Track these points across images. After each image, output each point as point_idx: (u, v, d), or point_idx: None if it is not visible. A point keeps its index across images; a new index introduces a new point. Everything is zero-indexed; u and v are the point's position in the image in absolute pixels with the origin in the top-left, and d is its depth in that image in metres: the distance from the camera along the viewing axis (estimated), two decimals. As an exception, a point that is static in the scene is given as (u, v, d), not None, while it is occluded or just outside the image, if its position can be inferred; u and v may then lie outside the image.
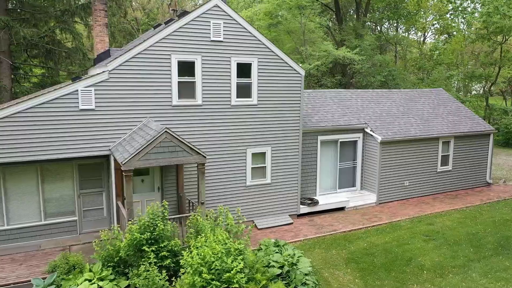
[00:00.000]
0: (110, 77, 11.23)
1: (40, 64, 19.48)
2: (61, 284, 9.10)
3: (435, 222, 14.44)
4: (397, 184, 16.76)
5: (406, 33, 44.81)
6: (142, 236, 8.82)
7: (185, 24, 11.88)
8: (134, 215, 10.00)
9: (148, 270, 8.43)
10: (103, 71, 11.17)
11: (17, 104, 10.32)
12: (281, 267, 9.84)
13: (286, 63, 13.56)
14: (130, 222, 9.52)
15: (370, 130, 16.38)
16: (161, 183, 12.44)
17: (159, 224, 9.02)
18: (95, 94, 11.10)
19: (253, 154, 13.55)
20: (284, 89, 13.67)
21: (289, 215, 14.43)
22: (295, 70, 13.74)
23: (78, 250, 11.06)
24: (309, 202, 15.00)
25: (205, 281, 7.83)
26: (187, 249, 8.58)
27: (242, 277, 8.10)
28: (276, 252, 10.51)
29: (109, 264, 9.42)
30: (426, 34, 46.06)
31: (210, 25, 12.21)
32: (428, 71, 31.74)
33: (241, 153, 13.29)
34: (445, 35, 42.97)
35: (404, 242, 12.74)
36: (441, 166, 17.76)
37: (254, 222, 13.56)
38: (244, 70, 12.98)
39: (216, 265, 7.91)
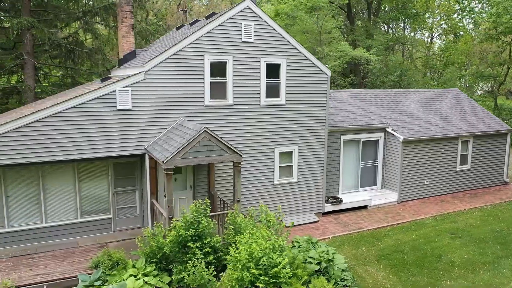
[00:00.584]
0: (146, 78, 11.46)
1: (60, 65, 19.69)
2: (107, 280, 9.32)
3: (458, 220, 14.66)
4: (417, 183, 16.98)
5: (412, 34, 45.08)
6: (187, 232, 9.05)
7: (217, 26, 12.10)
8: (174, 213, 10.22)
9: (196, 266, 8.65)
10: (140, 72, 11.40)
11: (58, 105, 10.55)
12: (319, 263, 10.06)
13: (313, 63, 13.78)
14: (174, 219, 9.74)
15: (392, 130, 16.60)
16: (193, 182, 12.67)
17: (203, 221, 9.25)
18: (131, 94, 11.34)
19: (281, 153, 13.78)
20: (311, 89, 13.89)
21: (315, 213, 14.66)
22: (321, 70, 13.97)
23: (115, 247, 11.28)
24: (333, 200, 15.22)
25: (253, 276, 8.06)
26: (233, 245, 8.80)
27: (287, 272, 8.33)
28: (311, 249, 10.73)
29: (152, 260, 9.64)
30: (433, 34, 46.26)
31: (241, 27, 12.43)
32: (439, 71, 31.93)
33: (269, 152, 13.52)
34: (451, 36, 43.16)
35: (431, 239, 12.96)
36: (460, 165, 17.99)
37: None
38: (272, 70, 13.21)
39: (264, 261, 8.14)
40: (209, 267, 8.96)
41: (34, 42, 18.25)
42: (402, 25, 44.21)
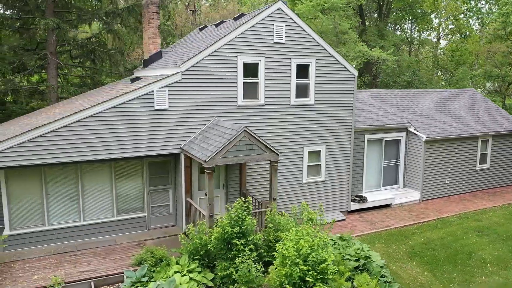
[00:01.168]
0: (183, 78, 11.65)
1: (81, 65, 19.86)
2: (152, 276, 9.52)
3: (482, 219, 14.87)
4: (439, 182, 17.19)
5: (418, 34, 45.36)
6: (233, 230, 9.25)
7: (251, 27, 12.29)
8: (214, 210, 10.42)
9: (244, 262, 8.85)
10: (177, 72, 11.59)
11: (99, 105, 10.73)
12: (357, 260, 10.27)
13: (340, 63, 13.98)
14: (219, 217, 9.93)
15: (414, 129, 16.80)
16: (225, 181, 12.86)
17: (247, 219, 9.44)
18: (168, 94, 11.52)
19: (309, 152, 13.98)
20: (338, 89, 14.09)
21: (341, 212, 14.86)
22: (348, 70, 14.17)
23: (152, 244, 11.48)
24: (358, 199, 15.43)
25: (302, 272, 8.26)
26: (280, 242, 8.99)
27: (334, 268, 8.53)
28: (347, 246, 10.93)
29: (195, 257, 9.84)
30: (440, 34, 46.52)
31: (273, 28, 12.63)
32: (450, 71, 32.18)
33: (298, 151, 13.71)
34: (457, 36, 43.39)
35: (458, 237, 13.17)
36: (479, 164, 18.20)
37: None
38: (302, 71, 13.41)
39: (313, 257, 8.34)
40: (260, 263, 9.16)
41: (57, 42, 18.42)
42: (408, 25, 44.56)
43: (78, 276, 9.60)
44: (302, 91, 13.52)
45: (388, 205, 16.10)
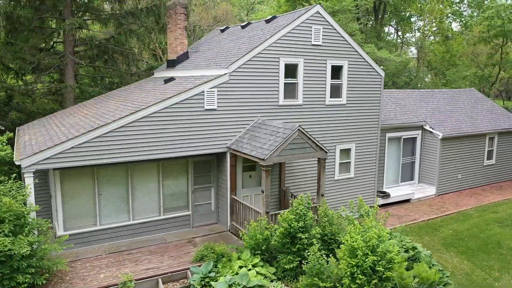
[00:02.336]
0: (230, 79, 11.95)
1: (97, 66, 19.72)
2: (218, 271, 9.80)
3: (498, 211, 15.82)
4: (452, 177, 18.10)
5: (401, 36, 46.96)
6: (298, 224, 9.66)
7: (292, 29, 12.71)
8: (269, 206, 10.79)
9: (313, 254, 9.27)
10: (225, 73, 11.87)
11: (155, 105, 10.89)
12: (406, 251, 10.86)
13: (369, 65, 14.59)
14: (285, 212, 10.31)
15: (430, 127, 17.64)
16: (266, 178, 13.22)
17: (309, 214, 9.87)
18: (217, 94, 11.80)
19: (341, 150, 14.52)
20: (367, 89, 14.70)
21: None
22: (376, 71, 14.80)
23: (201, 241, 11.72)
24: (382, 194, 16.10)
25: (372, 262, 8.75)
26: (347, 234, 9.45)
27: (398, 258, 9.07)
28: (391, 238, 11.51)
29: (256, 252, 10.18)
30: (426, 37, 48.27)
31: (311, 30, 13.08)
32: (443, 72, 33.55)
33: (331, 150, 14.23)
34: (441, 38, 45.14)
35: (483, 228, 14.01)
36: (487, 160, 19.25)
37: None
38: (335, 72, 13.93)
39: (382, 248, 8.85)
40: (331, 256, 9.62)
41: (74, 42, 18.29)
42: (394, 27, 46.04)
43: (144, 274, 9.77)
44: (335, 91, 14.04)
45: (408, 200, 16.85)
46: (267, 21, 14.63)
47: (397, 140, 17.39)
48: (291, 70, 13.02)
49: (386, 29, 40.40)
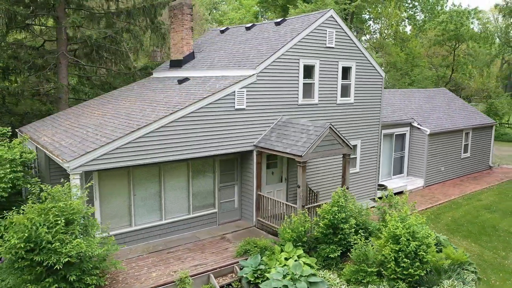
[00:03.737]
0: (257, 79, 12.37)
1: (92, 65, 19.18)
2: (266, 263, 10.22)
3: (482, 199, 17.50)
4: (436, 170, 19.68)
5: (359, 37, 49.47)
6: (341, 215, 10.33)
7: (310, 32, 13.35)
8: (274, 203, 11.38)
9: (360, 242, 9.98)
10: (253, 74, 12.27)
11: (192, 105, 11.07)
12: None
13: (373, 66, 15.60)
14: (326, 204, 10.92)
15: (417, 124, 19.07)
16: (287, 175, 13.79)
17: (350, 205, 10.58)
18: (246, 94, 12.18)
19: (349, 147, 15.40)
20: (371, 88, 15.70)
21: (370, 199, 16.52)
22: (378, 72, 15.84)
23: (233, 237, 12.08)
24: (381, 187, 17.23)
25: (415, 247, 9.62)
26: (388, 223, 10.24)
27: (434, 242, 10.04)
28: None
29: (297, 244, 10.73)
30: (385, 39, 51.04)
31: (326, 33, 13.81)
32: (407, 72, 35.84)
33: (341, 146, 15.07)
34: (394, 39, 48.02)
35: (475, 215, 15.51)
36: (463, 153, 21.10)
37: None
38: (345, 73, 14.77)
39: (423, 234, 9.75)
40: (368, 242, 10.37)
41: (68, 41, 17.75)
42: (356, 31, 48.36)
43: (195, 270, 9.97)
44: (344, 91, 14.88)
45: (401, 192, 18.12)
46: (277, 24, 15.18)
47: (389, 136, 18.63)
48: (308, 71, 13.66)
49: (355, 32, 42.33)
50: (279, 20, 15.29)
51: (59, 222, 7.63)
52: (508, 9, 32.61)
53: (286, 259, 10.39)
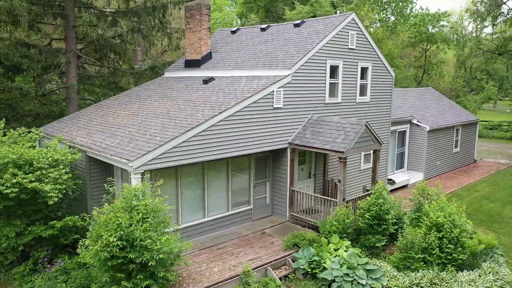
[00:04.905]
0: (292, 79, 12.84)
1: (101, 64, 18.84)
2: (319, 254, 10.71)
3: (479, 190, 18.87)
4: (433, 164, 20.95)
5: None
6: (385, 207, 11.02)
7: (336, 34, 13.98)
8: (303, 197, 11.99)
9: (408, 231, 10.70)
10: (288, 74, 12.72)
11: (237, 104, 11.37)
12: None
13: (385, 66, 16.47)
14: (368, 197, 11.55)
15: (417, 121, 20.22)
16: (314, 171, 14.35)
17: (391, 197, 11.29)
18: (283, 94, 12.61)
19: (365, 143, 16.19)
20: (383, 87, 16.57)
21: (381, 193, 17.40)
22: (389, 72, 16.75)
23: (270, 232, 12.49)
24: (390, 181, 18.18)
25: (458, 233, 10.46)
26: (431, 212, 11.02)
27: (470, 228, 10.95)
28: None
29: (342, 235, 11.31)
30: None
31: (348, 35, 14.49)
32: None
33: (359, 143, 15.82)
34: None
35: (479, 204, 16.75)
36: (454, 148, 22.55)
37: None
38: (362, 73, 15.53)
39: (461, 221, 10.62)
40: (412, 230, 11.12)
41: (77, 40, 17.44)
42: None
43: (253, 264, 10.30)
44: (362, 90, 15.64)
45: (406, 186, 19.19)
46: (296, 25, 15.70)
47: (393, 133, 19.64)
48: (333, 72, 14.28)
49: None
50: (298, 21, 15.81)
51: (148, 219, 7.76)
52: (479, 13, 34.89)
53: (335, 250, 10.94)
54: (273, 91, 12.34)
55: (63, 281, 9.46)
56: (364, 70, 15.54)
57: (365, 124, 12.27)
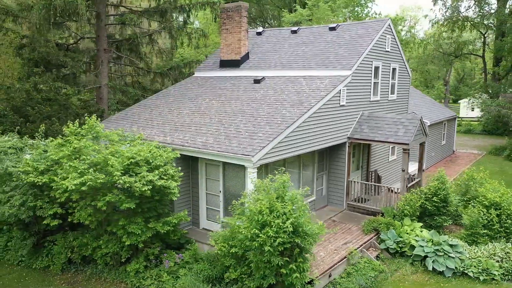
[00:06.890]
0: (352, 79, 14.00)
1: (130, 64, 18.55)
2: (400, 235, 11.97)
3: (475, 176, 21.35)
4: (429, 155, 23.27)
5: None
6: (450, 190, 12.58)
7: (378, 38, 15.36)
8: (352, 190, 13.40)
9: (474, 211, 12.32)
10: (349, 74, 13.85)
11: (318, 102, 12.29)
12: (486, 205, 14.79)
13: (406, 66, 18.23)
14: (428, 184, 12.98)
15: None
16: (361, 163, 15.64)
17: (446, 183, 12.90)
18: (346, 92, 13.73)
19: (392, 137, 17.82)
20: (404, 86, 18.33)
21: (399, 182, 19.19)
22: (408, 72, 18.54)
23: (338, 220, 13.58)
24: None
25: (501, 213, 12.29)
26: (486, 194, 12.73)
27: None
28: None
29: (412, 218, 12.70)
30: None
31: (386, 39, 15.96)
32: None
33: (388, 136, 17.40)
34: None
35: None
36: (442, 141, 25.16)
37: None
38: (393, 73, 17.11)
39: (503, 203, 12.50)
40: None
41: (108, 39, 17.20)
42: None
43: (345, 251, 11.28)
44: (392, 89, 17.23)
45: (414, 175, 21.19)
46: (331, 29, 16.87)
47: (400, 128, 21.58)
48: (375, 72, 15.67)
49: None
50: (333, 25, 16.97)
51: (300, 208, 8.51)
52: (438, 20, 38.67)
53: (411, 231, 12.29)
54: (340, 90, 13.40)
55: (184, 275, 9.78)
56: (394, 71, 17.13)
57: (420, 119, 13.77)
